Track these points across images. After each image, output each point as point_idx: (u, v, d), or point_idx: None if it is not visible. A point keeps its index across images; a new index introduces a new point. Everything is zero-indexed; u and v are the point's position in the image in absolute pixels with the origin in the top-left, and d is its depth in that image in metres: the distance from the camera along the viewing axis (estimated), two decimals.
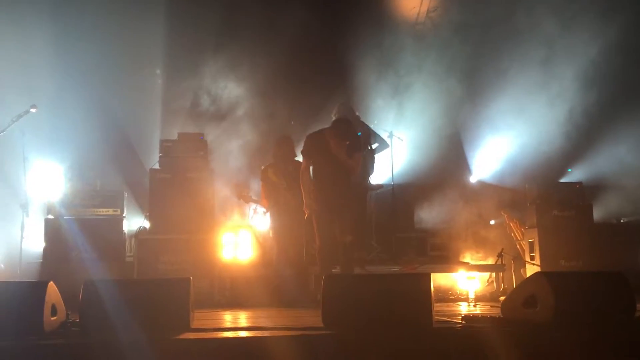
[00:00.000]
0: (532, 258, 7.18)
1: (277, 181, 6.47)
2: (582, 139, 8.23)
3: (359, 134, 6.52)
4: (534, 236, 7.21)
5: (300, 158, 6.03)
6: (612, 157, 8.05)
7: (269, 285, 6.11)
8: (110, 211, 6.66)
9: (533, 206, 7.35)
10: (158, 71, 8.51)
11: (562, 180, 8.07)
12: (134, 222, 7.19)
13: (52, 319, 3.45)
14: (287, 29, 8.24)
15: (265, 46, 8.30)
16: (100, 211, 6.64)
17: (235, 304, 5.84)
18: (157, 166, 6.89)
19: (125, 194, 6.86)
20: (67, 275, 5.68)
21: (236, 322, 4.47)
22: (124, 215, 6.70)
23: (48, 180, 7.01)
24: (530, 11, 8.06)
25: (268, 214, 6.92)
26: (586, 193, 7.53)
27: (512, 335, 3.36)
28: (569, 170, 8.02)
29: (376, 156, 7.49)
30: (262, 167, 6.80)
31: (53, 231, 6.43)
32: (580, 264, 6.96)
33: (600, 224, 7.44)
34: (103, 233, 6.49)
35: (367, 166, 7.19)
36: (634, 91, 8.05)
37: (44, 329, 3.29)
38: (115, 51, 7.80)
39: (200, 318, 4.09)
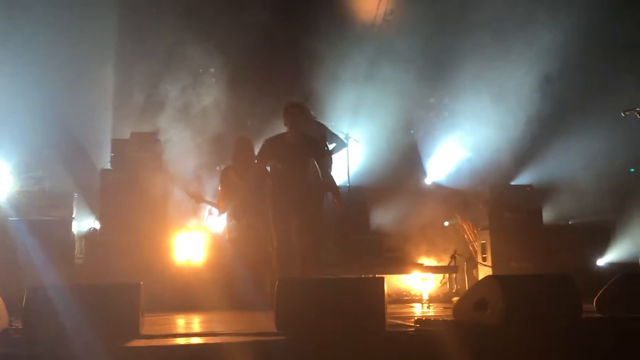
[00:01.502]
0: (484, 259, 7.31)
1: (239, 182, 6.37)
2: (534, 142, 8.43)
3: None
4: (486, 238, 7.36)
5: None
6: (562, 160, 8.26)
7: (223, 288, 6.02)
8: (59, 212, 6.45)
9: (485, 208, 7.50)
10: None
11: (514, 182, 8.26)
12: (84, 223, 6.98)
13: None
14: (244, 31, 8.15)
15: (222, 46, 8.20)
16: (48, 212, 6.42)
17: (188, 308, 5.73)
18: (108, 166, 6.72)
19: (75, 195, 6.66)
20: (12, 279, 5.46)
21: (189, 327, 4.39)
22: (73, 216, 6.50)
23: None
24: (486, 19, 8.17)
25: (224, 216, 6.81)
26: (536, 195, 7.72)
27: (463, 338, 3.41)
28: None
29: (333, 157, 7.48)
30: (222, 168, 6.70)
31: None
32: (530, 266, 7.12)
33: (549, 226, 7.64)
34: (51, 235, 6.26)
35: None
36: (584, 96, 8.28)
37: None
38: (65, 45, 7.53)
39: (151, 323, 3.99)
